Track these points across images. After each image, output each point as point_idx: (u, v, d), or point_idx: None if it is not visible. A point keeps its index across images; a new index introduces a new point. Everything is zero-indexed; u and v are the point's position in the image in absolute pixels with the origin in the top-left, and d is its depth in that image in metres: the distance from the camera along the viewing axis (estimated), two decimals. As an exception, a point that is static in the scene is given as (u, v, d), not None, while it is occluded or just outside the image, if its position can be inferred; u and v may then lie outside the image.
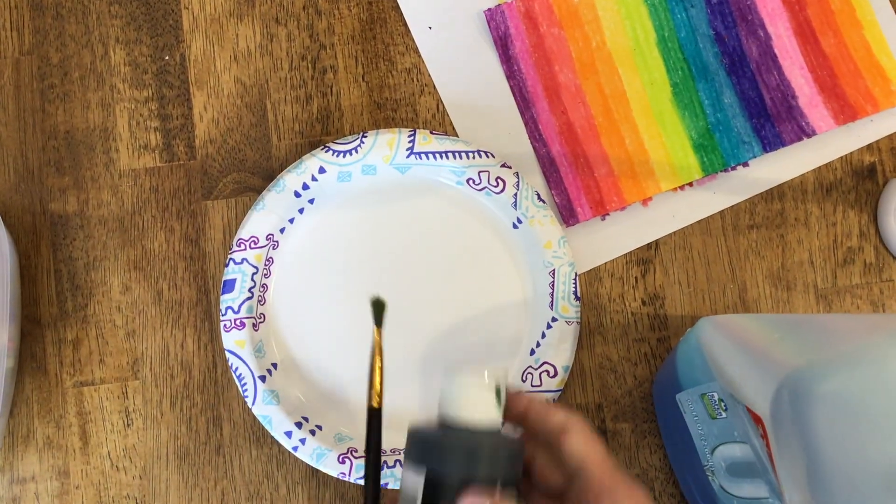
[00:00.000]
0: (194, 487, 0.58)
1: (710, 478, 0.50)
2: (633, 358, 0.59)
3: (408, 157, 0.58)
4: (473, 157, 0.57)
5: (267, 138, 0.60)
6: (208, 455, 0.58)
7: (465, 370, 0.40)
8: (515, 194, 0.57)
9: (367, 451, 0.42)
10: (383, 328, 0.44)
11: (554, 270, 0.57)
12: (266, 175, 0.60)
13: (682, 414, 0.51)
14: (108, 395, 0.58)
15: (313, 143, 0.60)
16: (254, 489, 0.57)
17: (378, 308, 0.45)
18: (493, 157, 0.58)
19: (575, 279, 0.57)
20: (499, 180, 0.57)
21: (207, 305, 0.59)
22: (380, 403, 0.43)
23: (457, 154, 0.57)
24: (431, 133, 0.58)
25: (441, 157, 0.57)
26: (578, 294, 0.57)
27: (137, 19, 0.61)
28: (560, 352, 0.57)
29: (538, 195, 0.57)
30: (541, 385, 0.56)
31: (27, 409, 0.58)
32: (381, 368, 0.43)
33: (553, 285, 0.57)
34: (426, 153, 0.58)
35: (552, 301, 0.57)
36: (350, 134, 0.60)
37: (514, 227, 0.58)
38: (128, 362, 0.58)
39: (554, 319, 0.57)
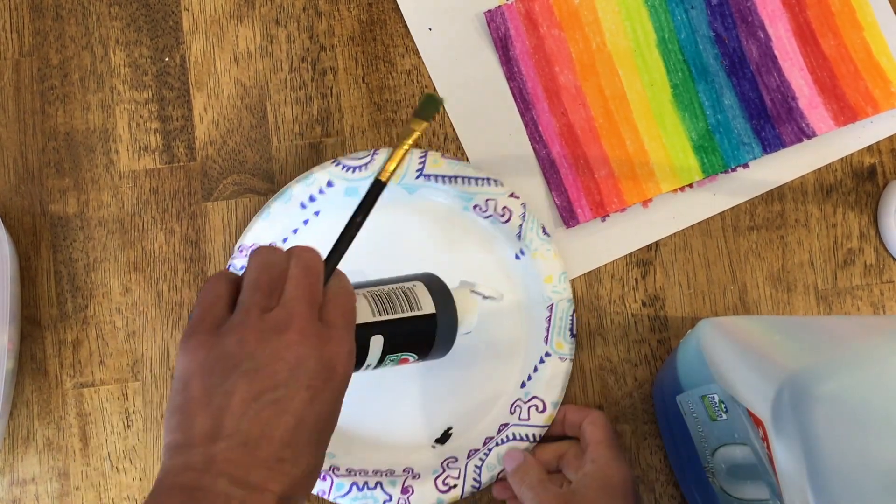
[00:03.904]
0: (194, 489, 0.57)
1: (710, 479, 0.50)
2: (633, 359, 0.59)
3: (417, 178, 0.57)
4: (482, 185, 0.57)
5: (267, 140, 0.60)
6: (208, 457, 0.58)
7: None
8: (521, 225, 0.57)
9: (356, 213, 0.47)
10: (425, 121, 0.50)
11: (552, 305, 0.57)
12: (266, 177, 0.60)
13: (682, 415, 0.51)
14: (108, 397, 0.58)
15: (313, 144, 0.60)
16: (254, 491, 0.57)
17: (429, 104, 0.50)
18: (502, 185, 0.57)
19: (572, 316, 0.57)
20: (505, 210, 0.57)
21: (207, 307, 0.59)
22: (387, 180, 0.48)
23: (466, 180, 0.57)
24: (443, 156, 0.57)
25: (450, 181, 0.57)
26: (574, 331, 0.57)
27: (137, 21, 0.61)
28: (551, 388, 0.56)
29: (543, 229, 0.57)
30: (528, 419, 0.56)
31: (27, 410, 0.58)
32: (405, 154, 0.49)
33: (550, 320, 0.57)
34: (435, 176, 0.57)
35: (547, 336, 0.57)
36: (350, 136, 0.60)
37: (517, 257, 0.58)
38: (128, 364, 0.58)
39: (547, 354, 0.57)
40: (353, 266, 0.58)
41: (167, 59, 0.60)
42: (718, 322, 0.50)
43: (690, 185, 0.60)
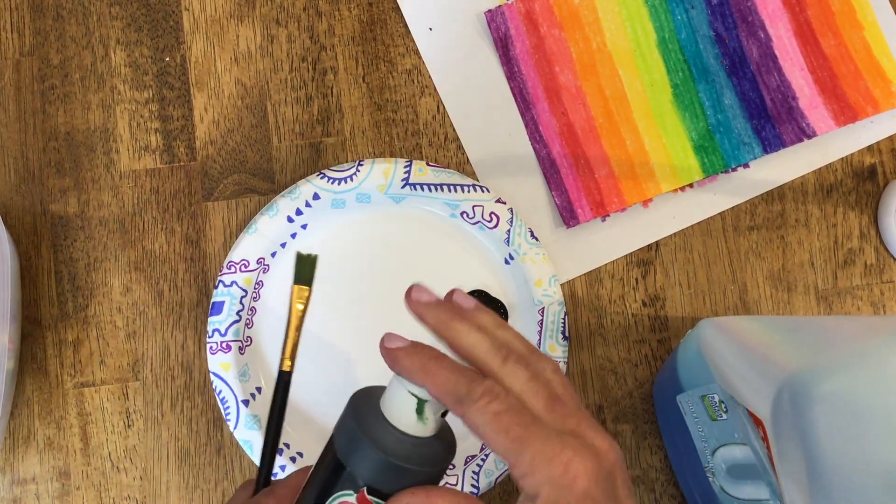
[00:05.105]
0: (195, 489, 0.58)
1: (710, 479, 0.50)
2: (633, 359, 0.59)
3: (402, 187, 0.57)
4: (468, 191, 0.57)
5: (267, 139, 0.60)
6: (209, 456, 0.58)
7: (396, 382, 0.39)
8: (509, 230, 0.57)
9: (270, 418, 0.40)
10: (311, 285, 0.42)
11: (543, 309, 0.57)
12: (266, 176, 0.60)
13: (682, 415, 0.51)
14: (108, 396, 0.58)
15: (314, 144, 0.60)
16: (254, 490, 0.57)
17: (304, 264, 0.42)
18: (488, 191, 0.57)
19: (564, 318, 0.57)
20: (492, 215, 0.57)
21: (208, 307, 0.59)
22: (290, 367, 0.41)
23: (452, 187, 0.57)
24: (428, 164, 0.57)
25: (436, 189, 0.57)
26: (567, 334, 0.57)
27: (138, 20, 0.61)
28: None
29: (531, 232, 0.57)
30: None
31: (28, 410, 0.58)
32: (299, 329, 0.41)
33: (542, 324, 0.57)
34: (421, 184, 0.57)
35: (540, 340, 0.57)
36: (350, 136, 0.60)
37: (506, 262, 0.58)
38: (128, 363, 0.58)
39: None
40: (341, 278, 0.58)
41: (167, 58, 0.60)
42: (718, 322, 0.50)
43: (691, 185, 0.60)
